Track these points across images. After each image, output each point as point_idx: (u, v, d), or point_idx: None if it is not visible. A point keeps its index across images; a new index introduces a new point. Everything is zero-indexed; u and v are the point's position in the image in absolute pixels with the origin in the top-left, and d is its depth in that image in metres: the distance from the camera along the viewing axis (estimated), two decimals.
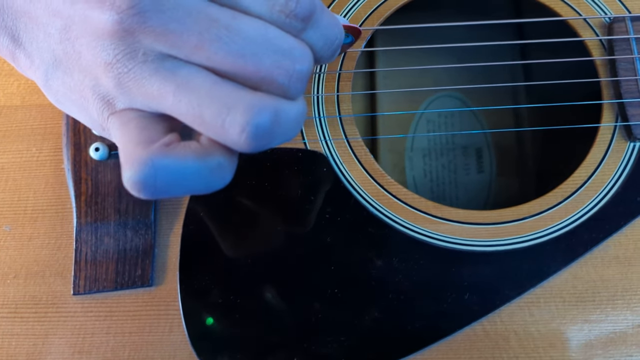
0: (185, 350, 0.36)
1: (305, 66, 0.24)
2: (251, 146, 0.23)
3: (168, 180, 0.23)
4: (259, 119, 0.23)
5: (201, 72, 0.23)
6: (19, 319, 0.37)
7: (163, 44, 0.23)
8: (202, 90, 0.23)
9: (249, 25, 0.23)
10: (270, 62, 0.23)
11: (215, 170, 0.24)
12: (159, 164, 0.23)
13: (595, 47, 0.41)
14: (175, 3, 0.22)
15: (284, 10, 0.24)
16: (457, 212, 0.38)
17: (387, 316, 0.36)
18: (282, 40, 0.24)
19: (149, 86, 0.23)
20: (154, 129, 0.24)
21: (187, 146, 0.24)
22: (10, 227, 0.39)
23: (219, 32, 0.23)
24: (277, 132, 0.24)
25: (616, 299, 0.36)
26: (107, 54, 0.23)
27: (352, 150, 0.40)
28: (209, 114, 0.23)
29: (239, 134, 0.23)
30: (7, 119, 0.41)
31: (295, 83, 0.24)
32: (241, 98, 0.23)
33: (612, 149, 0.39)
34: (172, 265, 0.38)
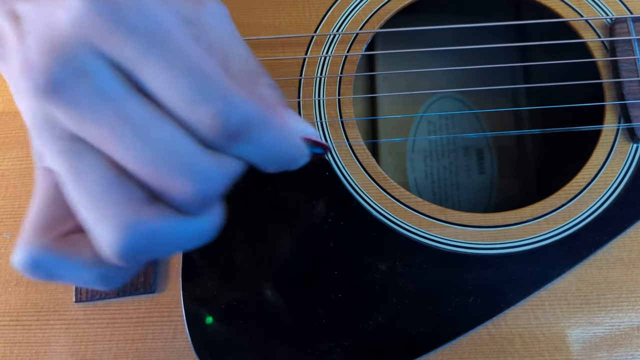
0: (189, 356, 0.36)
1: (210, 189, 0.22)
2: (120, 261, 0.22)
3: (46, 276, 0.23)
4: (127, 240, 0.22)
5: (102, 167, 0.22)
6: (21, 326, 0.37)
7: (73, 126, 0.22)
8: (91, 188, 0.22)
9: (161, 131, 0.22)
10: (169, 178, 0.22)
11: (100, 280, 0.24)
12: (43, 261, 0.23)
13: (597, 48, 0.41)
14: (92, 87, 0.21)
15: (208, 123, 0.21)
16: (460, 215, 0.38)
17: (391, 320, 0.36)
18: (190, 157, 0.22)
19: (54, 162, 0.23)
20: (62, 205, 0.24)
21: (80, 248, 0.24)
22: (11, 235, 0.39)
23: (125, 130, 0.21)
24: (152, 251, 0.23)
25: (621, 300, 0.36)
26: (32, 114, 0.23)
27: (354, 154, 0.40)
28: (87, 217, 0.22)
29: (105, 248, 0.22)
30: (6, 126, 0.41)
31: (195, 204, 0.22)
32: (120, 212, 0.22)
33: (615, 150, 0.39)
34: (174, 272, 0.38)
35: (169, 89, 0.21)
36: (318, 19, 0.42)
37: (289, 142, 0.24)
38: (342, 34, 0.42)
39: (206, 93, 0.21)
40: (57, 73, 0.21)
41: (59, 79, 0.21)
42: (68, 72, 0.21)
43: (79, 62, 0.21)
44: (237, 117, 0.22)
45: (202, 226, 0.23)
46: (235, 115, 0.22)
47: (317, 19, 0.42)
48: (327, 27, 0.42)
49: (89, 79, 0.21)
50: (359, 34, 0.42)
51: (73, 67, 0.21)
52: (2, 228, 0.39)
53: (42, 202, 0.24)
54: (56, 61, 0.21)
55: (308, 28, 0.42)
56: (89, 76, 0.21)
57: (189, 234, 0.23)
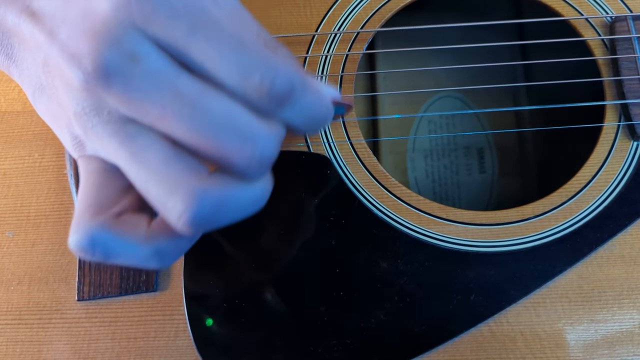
0: (191, 355, 0.36)
1: (267, 152, 0.23)
2: (190, 231, 0.23)
3: (104, 255, 0.24)
4: (198, 208, 0.22)
5: (159, 144, 0.23)
6: (23, 325, 0.37)
7: (127, 109, 0.22)
8: (152, 164, 0.22)
9: (216, 103, 0.22)
10: (230, 145, 0.22)
11: (154, 256, 0.24)
12: (100, 239, 0.23)
13: (598, 46, 0.41)
14: (144, 69, 0.22)
15: (258, 89, 0.23)
16: (461, 213, 0.38)
17: (392, 318, 0.36)
18: (247, 123, 0.23)
19: (108, 146, 0.23)
20: (112, 187, 0.24)
21: (134, 226, 0.24)
22: (13, 233, 0.39)
23: (183, 106, 0.22)
24: (220, 218, 0.23)
25: (622, 298, 0.36)
26: (76, 103, 0.23)
27: (355, 153, 0.40)
28: (154, 192, 0.23)
29: (177, 219, 0.22)
30: (8, 125, 0.41)
31: (255, 167, 0.23)
32: (186, 182, 0.22)
33: (615, 148, 0.39)
34: (176, 270, 0.38)
35: (218, 62, 0.22)
36: (319, 18, 0.42)
37: (323, 102, 0.25)
38: (343, 33, 0.42)
39: (252, 62, 0.22)
40: (107, 58, 0.21)
41: (110, 63, 0.21)
42: (118, 56, 0.21)
43: (127, 46, 0.21)
44: (282, 82, 0.23)
45: (260, 191, 0.24)
46: (280, 80, 0.23)
47: (318, 18, 0.43)
48: (328, 26, 0.42)
49: (140, 60, 0.22)
50: (360, 33, 0.42)
51: (122, 50, 0.21)
52: (4, 227, 0.39)
53: (92, 187, 0.24)
54: (105, 46, 0.21)
55: (309, 27, 0.42)
56: (138, 58, 0.21)
57: (249, 199, 0.24)
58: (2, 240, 0.39)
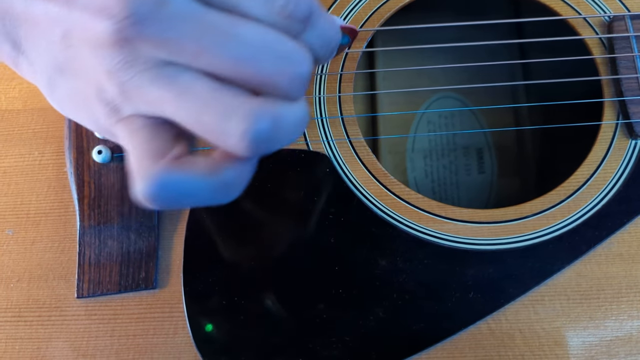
0: (190, 352, 0.36)
1: (305, 68, 0.24)
2: (253, 151, 0.23)
3: (177, 195, 0.24)
4: (258, 125, 0.23)
5: (201, 79, 0.23)
6: (23, 322, 0.37)
7: (162, 51, 0.23)
8: (201, 97, 0.23)
9: (248, 29, 0.23)
10: (271, 66, 0.23)
11: (222, 188, 0.24)
12: (168, 179, 0.23)
13: (596, 45, 0.42)
14: (173, 10, 0.22)
15: (283, 12, 0.24)
16: (460, 212, 0.38)
17: (391, 316, 0.36)
18: (281, 44, 0.24)
19: (150, 94, 0.23)
20: (162, 138, 0.24)
21: (196, 161, 0.24)
22: (13, 231, 0.39)
23: (217, 38, 0.23)
24: (278, 136, 0.24)
25: (620, 296, 0.36)
26: (108, 62, 0.23)
27: (354, 151, 0.40)
28: (209, 121, 0.23)
29: (239, 140, 0.23)
30: (9, 123, 0.41)
31: (297, 85, 0.24)
32: (240, 104, 0.23)
33: (613, 146, 0.39)
34: (175, 268, 0.38)
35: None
36: None
37: (335, 27, 0.27)
38: None
39: None
40: (136, 4, 0.22)
41: (140, 8, 0.22)
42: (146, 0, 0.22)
43: None
44: (303, 3, 0.24)
45: (304, 110, 0.25)
46: (301, 1, 0.24)
47: None
48: None
49: (167, 2, 0.22)
50: (359, 32, 0.42)
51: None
52: (4, 225, 0.39)
53: (140, 142, 0.24)
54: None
55: None
56: (166, 1, 0.22)
57: (298, 116, 0.24)
58: (2, 238, 0.39)
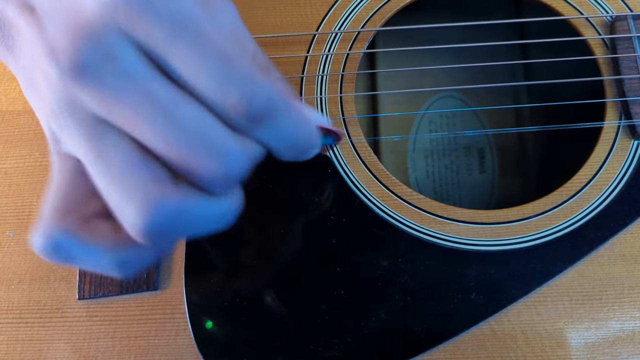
0: (192, 353, 0.36)
1: (235, 169, 0.23)
2: (145, 240, 0.22)
3: (65, 260, 0.23)
4: (152, 217, 0.22)
5: (126, 148, 0.22)
6: (24, 324, 0.37)
7: (99, 108, 0.22)
8: (116, 169, 0.22)
9: (189, 112, 0.22)
10: (196, 157, 0.22)
11: (117, 265, 0.24)
12: (63, 243, 0.23)
13: (598, 45, 0.42)
14: (121, 70, 0.22)
15: (235, 105, 0.22)
16: (462, 212, 0.38)
17: (393, 317, 0.36)
18: (217, 138, 0.22)
19: (78, 146, 0.23)
20: (83, 189, 0.24)
21: (100, 232, 0.24)
22: (14, 233, 0.39)
23: (154, 112, 0.22)
24: (176, 230, 0.23)
25: (623, 296, 0.36)
26: (53, 100, 0.23)
27: (356, 151, 0.40)
28: (112, 197, 0.22)
29: (130, 226, 0.22)
30: (9, 124, 0.41)
31: (221, 183, 0.23)
32: (145, 190, 0.22)
33: (616, 147, 0.39)
34: (177, 269, 0.38)
35: (197, 72, 0.22)
36: (320, 18, 0.43)
37: (306, 128, 0.25)
38: (344, 32, 0.42)
39: (232, 76, 0.22)
40: (84, 55, 0.21)
41: (86, 60, 0.21)
42: (95, 54, 0.21)
43: (106, 45, 0.21)
44: (261, 100, 0.22)
45: (224, 207, 0.24)
46: (260, 98, 0.22)
47: (319, 18, 0.43)
48: (329, 25, 0.42)
49: (117, 61, 0.21)
50: (360, 33, 0.42)
51: (100, 49, 0.21)
52: (5, 226, 0.39)
53: (62, 186, 0.24)
54: (83, 43, 0.21)
55: (310, 27, 0.42)
56: (116, 59, 0.21)
57: (212, 215, 0.23)
58: (3, 240, 0.39)
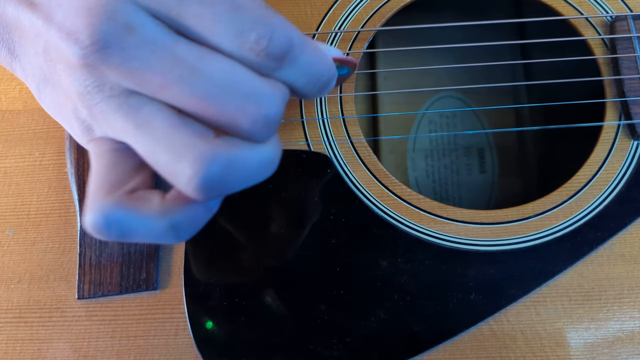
0: (191, 353, 0.36)
1: (272, 111, 0.23)
2: (202, 195, 0.23)
3: (123, 232, 0.23)
4: (208, 170, 0.22)
5: (163, 112, 0.22)
6: (24, 323, 0.37)
7: (127, 81, 0.22)
8: (158, 133, 0.22)
9: (216, 65, 0.22)
10: (234, 107, 0.22)
11: (171, 230, 0.24)
12: (114, 216, 0.23)
13: (598, 46, 0.42)
14: (141, 39, 0.22)
15: (255, 48, 0.22)
16: (462, 212, 0.38)
17: (392, 317, 0.36)
18: (249, 83, 0.23)
19: (114, 121, 0.23)
20: (124, 166, 0.24)
21: (149, 200, 0.24)
22: (14, 232, 0.39)
23: (183, 72, 0.22)
24: (231, 181, 0.23)
25: (622, 297, 0.36)
26: (78, 84, 0.23)
27: (355, 151, 0.40)
28: (162, 160, 0.23)
29: (187, 184, 0.22)
30: (9, 124, 0.41)
31: (261, 128, 0.23)
32: (194, 146, 0.22)
33: (615, 147, 0.39)
34: (176, 269, 0.38)
35: (213, 25, 0.22)
36: (320, 18, 0.43)
37: (324, 60, 0.25)
38: (344, 32, 0.42)
39: (247, 21, 0.22)
40: (103, 30, 0.21)
41: (107, 35, 0.21)
42: (114, 27, 0.21)
43: (122, 17, 0.21)
44: (279, 39, 0.23)
45: (269, 153, 0.24)
46: (278, 37, 0.23)
47: (319, 18, 0.43)
48: (329, 25, 0.42)
49: (136, 30, 0.22)
50: (360, 33, 0.42)
51: (118, 22, 0.21)
52: (4, 225, 0.39)
53: (101, 168, 0.24)
54: (100, 20, 0.21)
55: (310, 26, 0.42)
56: (134, 28, 0.22)
57: (259, 162, 0.24)
58: (3, 239, 0.39)
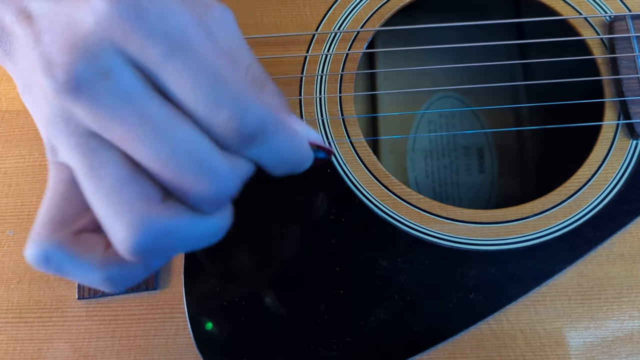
0: (191, 353, 0.36)
1: (224, 190, 0.23)
2: (133, 257, 0.23)
3: (58, 271, 0.24)
4: (140, 236, 0.22)
5: (117, 163, 0.22)
6: (24, 323, 0.37)
7: (93, 123, 0.22)
8: (105, 185, 0.22)
9: (181, 133, 0.22)
10: (187, 178, 0.22)
11: (106, 281, 0.24)
12: (55, 256, 0.23)
13: (596, 46, 0.42)
14: (114, 88, 0.22)
15: (225, 125, 0.22)
16: (461, 212, 0.38)
17: (392, 316, 0.36)
18: (208, 159, 0.22)
19: (71, 158, 0.23)
20: (76, 202, 0.24)
21: (90, 248, 0.24)
22: (14, 232, 0.39)
23: (147, 131, 0.22)
24: (165, 248, 0.23)
25: (622, 296, 0.36)
26: (49, 112, 0.23)
27: (355, 151, 0.40)
28: (102, 213, 0.23)
29: (120, 243, 0.22)
30: (9, 124, 0.41)
31: (210, 204, 0.23)
32: (133, 209, 0.22)
33: (614, 147, 0.39)
34: (177, 269, 0.38)
35: (189, 91, 0.22)
36: (319, 18, 0.43)
37: (298, 145, 0.25)
38: (343, 32, 0.42)
39: (224, 96, 0.22)
40: (79, 71, 0.21)
41: (81, 76, 0.21)
42: (90, 70, 0.21)
43: (101, 61, 0.21)
44: (252, 120, 0.22)
45: (213, 226, 0.24)
46: (250, 118, 0.22)
47: (319, 18, 0.43)
48: (329, 25, 0.42)
49: (111, 78, 0.21)
50: (360, 33, 0.42)
51: (95, 65, 0.21)
52: (4, 226, 0.39)
53: (55, 197, 0.24)
54: (79, 59, 0.21)
55: (309, 27, 0.42)
56: (111, 75, 0.21)
57: (201, 233, 0.23)
58: (3, 239, 0.39)
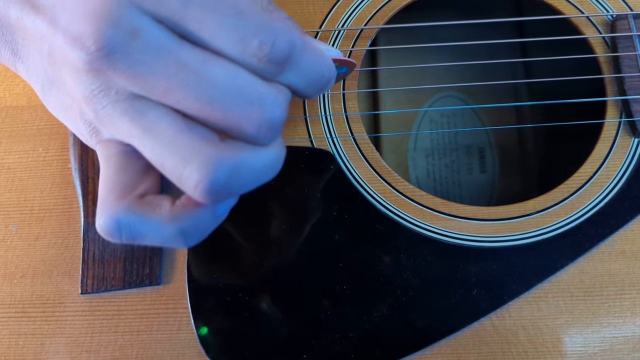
0: (194, 348, 0.36)
1: (276, 114, 0.23)
2: (210, 200, 0.23)
3: (130, 236, 0.24)
4: (214, 175, 0.22)
5: (169, 117, 0.23)
6: (27, 318, 0.37)
7: (133, 85, 0.22)
8: (165, 137, 0.23)
9: (219, 70, 0.23)
10: (239, 111, 0.23)
11: (179, 235, 0.24)
12: (125, 221, 0.24)
13: (598, 44, 0.42)
14: (146, 44, 0.22)
15: (258, 54, 0.23)
16: (464, 209, 0.39)
17: (395, 313, 0.36)
18: (252, 88, 0.23)
19: (120, 125, 0.23)
20: (133, 169, 0.25)
21: (158, 205, 0.24)
22: (17, 227, 0.39)
23: (187, 77, 0.22)
24: (237, 185, 0.23)
25: (623, 293, 0.36)
26: (84, 88, 0.23)
27: (358, 148, 0.40)
28: (169, 164, 0.23)
29: (194, 188, 0.23)
30: (13, 120, 0.41)
31: (266, 132, 0.23)
32: (200, 151, 0.22)
33: (616, 145, 0.39)
34: (180, 263, 0.38)
35: (215, 31, 0.22)
36: (323, 15, 0.43)
37: (323, 62, 0.26)
38: (347, 29, 0.42)
39: (250, 27, 0.23)
40: (109, 37, 0.21)
41: (113, 41, 0.22)
42: (120, 33, 0.22)
43: (127, 22, 0.22)
44: (282, 44, 0.23)
45: (274, 155, 0.24)
46: (280, 42, 0.23)
47: (322, 16, 0.43)
48: (332, 23, 0.43)
49: (141, 36, 0.22)
50: (363, 31, 0.42)
51: (123, 27, 0.22)
52: (8, 221, 0.39)
53: (110, 171, 0.25)
54: (106, 26, 0.21)
55: (313, 24, 0.43)
56: (140, 33, 0.22)
57: (264, 164, 0.24)
58: (6, 234, 0.39)
